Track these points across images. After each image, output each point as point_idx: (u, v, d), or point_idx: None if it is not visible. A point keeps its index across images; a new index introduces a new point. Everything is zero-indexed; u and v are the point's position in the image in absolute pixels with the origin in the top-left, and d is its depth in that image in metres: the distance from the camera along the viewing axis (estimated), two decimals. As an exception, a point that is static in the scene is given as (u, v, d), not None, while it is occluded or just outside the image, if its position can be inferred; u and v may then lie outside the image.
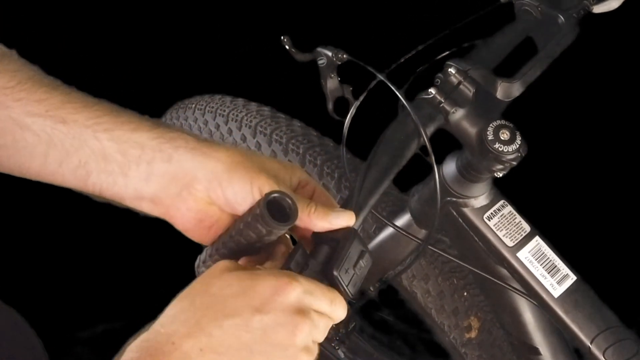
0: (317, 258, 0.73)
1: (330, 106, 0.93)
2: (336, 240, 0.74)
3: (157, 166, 0.75)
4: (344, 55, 0.90)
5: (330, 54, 0.90)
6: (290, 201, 0.73)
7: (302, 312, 0.68)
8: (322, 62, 0.91)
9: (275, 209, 0.72)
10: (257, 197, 0.73)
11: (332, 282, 0.72)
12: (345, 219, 0.75)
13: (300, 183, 0.79)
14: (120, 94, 2.16)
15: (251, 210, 0.74)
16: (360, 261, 0.74)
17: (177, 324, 0.67)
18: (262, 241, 0.75)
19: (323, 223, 0.74)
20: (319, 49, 0.91)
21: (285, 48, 0.92)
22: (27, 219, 1.82)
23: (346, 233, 0.74)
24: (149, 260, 1.79)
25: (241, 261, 0.77)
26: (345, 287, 0.72)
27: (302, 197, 0.76)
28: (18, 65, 0.80)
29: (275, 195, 0.72)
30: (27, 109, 0.76)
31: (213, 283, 0.68)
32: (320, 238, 0.75)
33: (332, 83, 0.92)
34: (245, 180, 0.74)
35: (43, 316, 1.13)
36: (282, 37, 0.92)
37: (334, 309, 0.71)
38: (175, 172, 0.75)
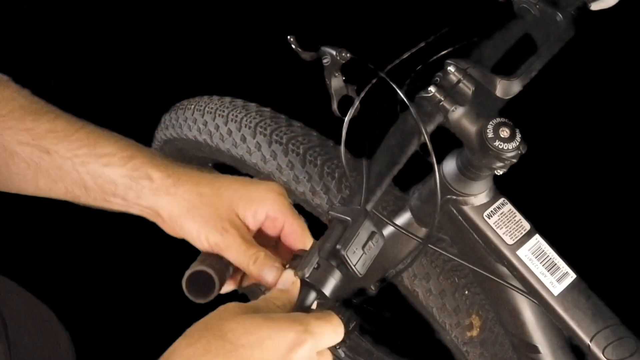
0: (329, 238, 0.75)
1: (334, 105, 0.94)
2: (347, 220, 0.76)
3: (131, 202, 0.82)
4: (347, 54, 0.91)
5: (334, 52, 0.91)
6: (212, 275, 0.79)
7: None
8: (326, 60, 0.92)
9: (202, 279, 0.79)
10: (205, 245, 0.80)
11: (340, 261, 0.74)
12: (271, 274, 0.77)
13: (269, 217, 0.82)
14: (121, 95, 2.18)
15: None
16: (370, 242, 0.76)
17: None
18: None
19: (257, 276, 0.78)
20: (324, 48, 0.92)
21: (290, 47, 0.93)
22: (34, 220, 1.82)
23: (356, 214, 0.76)
24: (150, 262, 1.79)
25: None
26: (353, 267, 0.74)
27: (246, 249, 0.79)
28: (11, 92, 0.83)
29: (191, 272, 0.79)
30: (16, 138, 0.81)
31: (229, 327, 0.68)
32: (333, 218, 0.77)
33: (336, 82, 0.93)
34: (193, 229, 0.80)
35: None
36: (288, 37, 0.93)
37: (337, 337, 0.72)
38: (146, 208, 0.82)
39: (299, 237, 0.82)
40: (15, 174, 0.82)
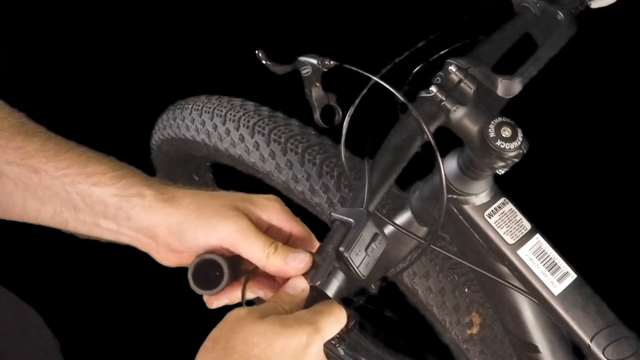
0: (332, 240, 0.75)
1: (317, 115, 0.91)
2: (350, 222, 0.76)
3: (121, 222, 0.78)
4: (331, 62, 0.88)
5: (315, 61, 0.88)
6: (220, 263, 0.76)
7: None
8: (306, 71, 0.89)
9: (211, 269, 0.76)
10: (215, 243, 0.76)
11: (343, 263, 0.74)
12: (299, 259, 0.75)
13: (272, 227, 0.79)
14: (120, 95, 2.17)
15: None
16: (373, 243, 0.76)
17: None
18: None
19: (280, 265, 0.75)
20: (302, 58, 0.89)
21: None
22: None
23: (359, 216, 0.76)
24: (143, 265, 1.79)
25: None
26: (356, 268, 0.74)
27: (264, 238, 0.76)
28: (3, 113, 0.82)
29: (198, 261, 0.76)
30: (5, 157, 0.79)
31: (239, 339, 0.67)
32: (336, 219, 0.77)
33: (317, 92, 0.90)
34: (198, 232, 0.76)
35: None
36: (256, 52, 0.90)
37: (341, 324, 0.73)
38: (137, 229, 0.78)
39: (307, 243, 0.80)
40: (3, 194, 0.79)
